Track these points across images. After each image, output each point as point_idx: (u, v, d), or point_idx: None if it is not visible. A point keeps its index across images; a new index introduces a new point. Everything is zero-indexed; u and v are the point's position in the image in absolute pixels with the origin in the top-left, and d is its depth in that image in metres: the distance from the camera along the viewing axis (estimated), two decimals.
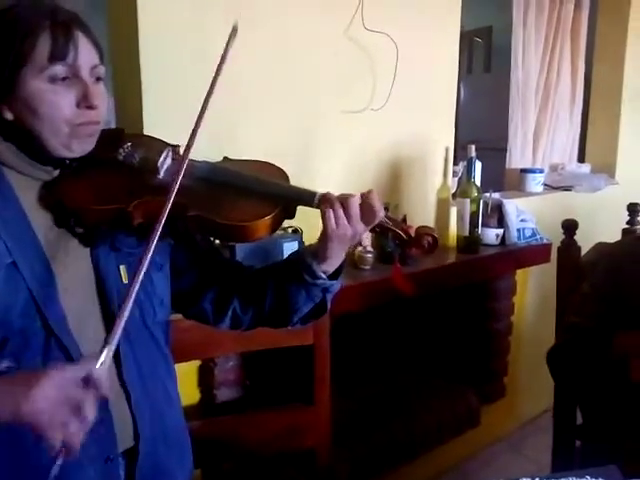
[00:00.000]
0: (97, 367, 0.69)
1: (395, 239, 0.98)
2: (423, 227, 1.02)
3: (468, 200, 2.04)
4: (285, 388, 1.59)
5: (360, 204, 0.90)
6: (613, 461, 1.39)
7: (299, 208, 0.94)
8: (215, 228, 0.91)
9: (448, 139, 2.12)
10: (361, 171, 1.89)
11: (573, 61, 2.86)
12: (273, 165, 1.00)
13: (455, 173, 2.20)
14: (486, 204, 2.20)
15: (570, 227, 1.64)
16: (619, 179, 2.93)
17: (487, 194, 2.22)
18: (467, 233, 2.06)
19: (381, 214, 0.92)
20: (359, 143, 1.86)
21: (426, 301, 2.13)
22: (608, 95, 2.97)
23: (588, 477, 1.05)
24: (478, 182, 2.16)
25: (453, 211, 2.13)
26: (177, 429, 1.01)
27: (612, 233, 1.86)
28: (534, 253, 2.14)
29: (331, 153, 1.80)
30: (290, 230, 1.61)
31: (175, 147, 0.93)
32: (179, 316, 1.08)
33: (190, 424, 1.08)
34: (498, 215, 2.20)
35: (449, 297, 2.20)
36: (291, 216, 0.95)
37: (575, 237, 1.71)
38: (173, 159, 0.92)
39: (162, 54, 1.42)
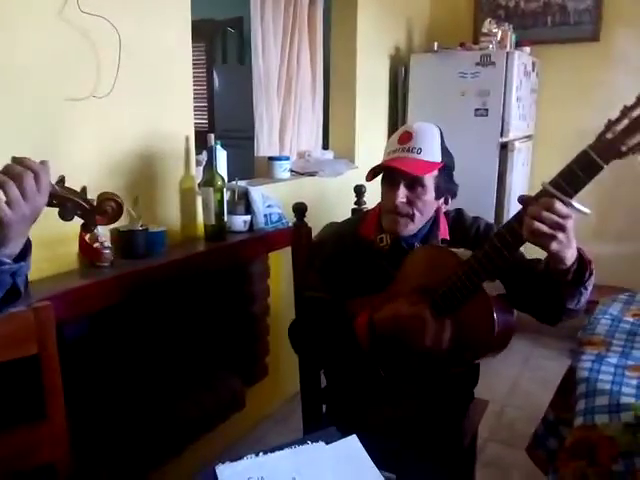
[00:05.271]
0: None
1: (76, 209, 0.97)
2: (104, 193, 1.00)
3: (212, 189, 2.06)
4: (14, 406, 1.44)
5: (34, 177, 0.86)
6: (352, 422, 1.52)
7: None
8: None
9: (188, 128, 2.10)
10: (100, 162, 1.79)
11: (312, 54, 3.03)
12: None
13: (199, 162, 2.20)
14: (233, 192, 2.24)
15: (300, 210, 1.75)
16: (358, 163, 3.23)
17: (233, 182, 2.27)
18: (214, 222, 2.08)
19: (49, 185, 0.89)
20: (91, 132, 1.75)
21: (182, 291, 2.11)
22: (345, 86, 3.23)
23: (309, 442, 1.10)
24: (223, 171, 2.19)
25: (199, 201, 2.14)
26: None
27: (348, 213, 2.03)
28: (280, 236, 2.24)
29: (63, 141, 1.67)
30: None
31: None
32: None
33: None
34: (245, 202, 2.26)
35: (206, 285, 2.21)
36: None
37: (310, 218, 1.83)
38: None
39: None
